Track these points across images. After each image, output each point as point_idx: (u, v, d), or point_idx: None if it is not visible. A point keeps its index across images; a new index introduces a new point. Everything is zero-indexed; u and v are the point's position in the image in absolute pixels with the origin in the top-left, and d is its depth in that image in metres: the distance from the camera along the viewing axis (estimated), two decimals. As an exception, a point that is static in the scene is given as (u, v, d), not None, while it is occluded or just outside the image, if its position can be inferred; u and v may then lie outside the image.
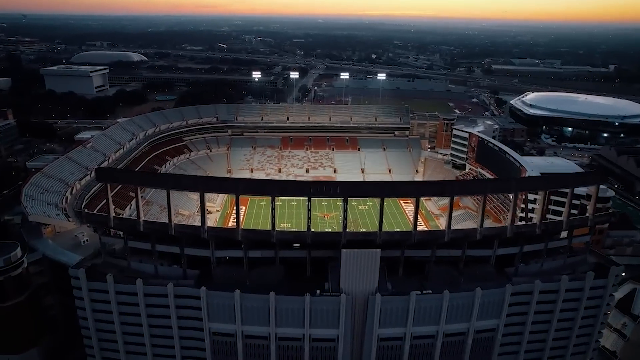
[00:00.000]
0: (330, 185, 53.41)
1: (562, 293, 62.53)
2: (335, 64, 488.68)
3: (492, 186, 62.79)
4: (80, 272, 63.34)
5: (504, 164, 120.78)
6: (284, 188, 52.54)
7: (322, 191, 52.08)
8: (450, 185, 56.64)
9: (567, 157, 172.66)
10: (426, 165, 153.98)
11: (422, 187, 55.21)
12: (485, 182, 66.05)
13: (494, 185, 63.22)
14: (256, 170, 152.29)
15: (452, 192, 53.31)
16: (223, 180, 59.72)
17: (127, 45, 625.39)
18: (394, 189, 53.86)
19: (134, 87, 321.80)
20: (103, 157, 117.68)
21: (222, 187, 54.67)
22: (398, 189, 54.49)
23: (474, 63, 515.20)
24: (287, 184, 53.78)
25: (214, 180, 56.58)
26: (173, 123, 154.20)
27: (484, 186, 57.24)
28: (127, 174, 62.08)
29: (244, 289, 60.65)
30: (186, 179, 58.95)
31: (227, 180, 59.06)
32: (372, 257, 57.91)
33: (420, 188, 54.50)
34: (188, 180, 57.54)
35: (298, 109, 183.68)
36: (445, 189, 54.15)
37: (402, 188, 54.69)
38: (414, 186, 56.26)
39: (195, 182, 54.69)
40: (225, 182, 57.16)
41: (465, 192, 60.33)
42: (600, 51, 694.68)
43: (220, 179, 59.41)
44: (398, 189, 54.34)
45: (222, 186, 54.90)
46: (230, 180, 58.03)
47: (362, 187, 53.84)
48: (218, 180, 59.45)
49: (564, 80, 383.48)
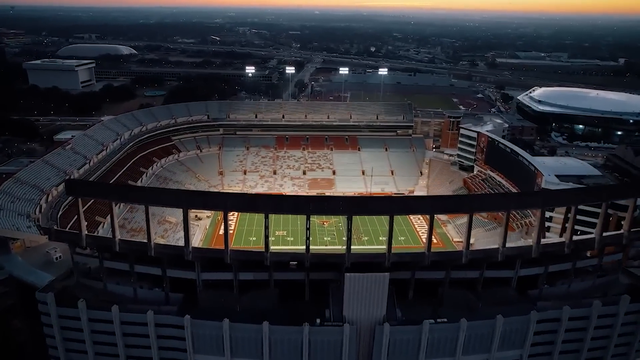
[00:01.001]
0: (332, 202, 47.58)
1: (593, 319, 56.76)
2: (333, 58, 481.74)
3: (516, 201, 56.72)
4: (48, 296, 57.29)
5: (517, 167, 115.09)
6: (279, 205, 46.72)
7: (323, 208, 46.24)
8: (469, 201, 50.58)
9: (580, 156, 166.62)
10: (431, 166, 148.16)
11: (437, 203, 49.25)
12: (508, 197, 60.03)
13: (518, 200, 57.23)
14: (250, 172, 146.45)
15: (470, 208, 47.50)
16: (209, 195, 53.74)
17: (117, 38, 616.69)
18: (405, 206, 48.03)
19: (122, 81, 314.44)
20: (84, 159, 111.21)
21: (208, 203, 48.81)
22: (410, 205, 48.64)
23: (477, 56, 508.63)
24: (283, 200, 47.99)
25: (199, 196, 50.59)
26: (161, 121, 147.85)
27: (507, 201, 51.31)
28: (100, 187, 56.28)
29: (234, 316, 54.72)
30: (167, 194, 52.99)
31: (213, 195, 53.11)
32: (379, 281, 52.12)
33: (434, 204, 48.64)
34: (169, 195, 51.59)
35: (294, 106, 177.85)
36: (463, 205, 48.33)
37: (415, 204, 48.83)
38: (427, 202, 50.34)
39: (177, 198, 48.74)
40: (211, 197, 51.14)
41: (486, 208, 54.41)
42: (606, 44, 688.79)
43: (206, 194, 53.48)
44: (410, 206, 48.49)
45: (208, 202, 48.92)
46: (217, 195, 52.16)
47: (369, 204, 47.98)
48: (203, 195, 53.42)
49: (571, 75, 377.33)
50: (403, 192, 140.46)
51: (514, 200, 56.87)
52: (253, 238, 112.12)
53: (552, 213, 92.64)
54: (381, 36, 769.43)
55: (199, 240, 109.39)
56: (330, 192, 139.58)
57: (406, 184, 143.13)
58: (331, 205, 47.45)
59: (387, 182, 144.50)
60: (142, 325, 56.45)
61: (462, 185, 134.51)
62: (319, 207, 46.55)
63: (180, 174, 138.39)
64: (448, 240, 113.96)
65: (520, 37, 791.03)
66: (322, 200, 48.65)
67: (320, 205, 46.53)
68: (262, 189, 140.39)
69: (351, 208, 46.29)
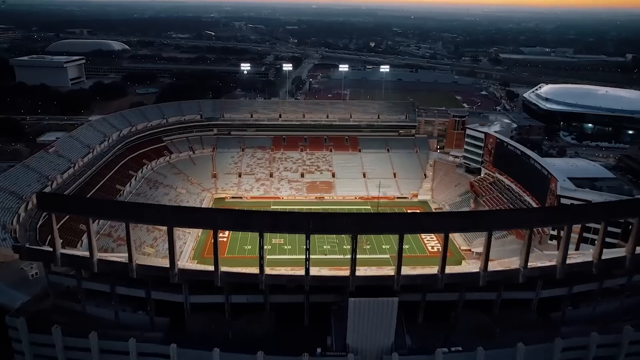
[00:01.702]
0: (335, 220, 42.93)
1: (624, 347, 52.22)
2: (331, 53, 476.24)
3: (541, 217, 51.78)
4: (19, 321, 52.74)
5: (528, 171, 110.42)
6: (275, 223, 42.08)
7: (325, 227, 41.63)
8: (487, 218, 45.76)
9: (590, 157, 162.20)
10: (435, 168, 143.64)
11: (452, 221, 44.55)
12: (532, 213, 55.03)
13: (544, 216, 52.42)
14: (245, 174, 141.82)
15: (489, 225, 42.86)
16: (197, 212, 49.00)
17: (109, 33, 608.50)
18: (416, 224, 43.40)
19: (113, 78, 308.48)
20: (68, 163, 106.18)
21: (195, 221, 44.12)
22: (422, 223, 43.99)
23: (479, 52, 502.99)
24: (279, 218, 43.33)
25: (186, 212, 45.72)
26: (152, 121, 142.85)
27: (530, 218, 46.58)
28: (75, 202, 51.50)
29: (225, 344, 50.16)
30: (150, 210, 48.21)
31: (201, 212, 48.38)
32: (387, 307, 47.54)
33: (449, 222, 43.98)
34: (152, 211, 46.85)
35: (292, 104, 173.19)
36: (480, 222, 43.67)
37: (427, 222, 44.15)
38: (441, 220, 45.61)
39: (161, 214, 44.04)
40: (199, 214, 46.34)
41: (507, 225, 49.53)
42: (611, 39, 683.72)
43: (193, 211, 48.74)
44: (422, 224, 43.84)
45: (196, 219, 44.17)
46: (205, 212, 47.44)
47: (376, 222, 43.31)
48: (191, 211, 48.54)
49: (578, 71, 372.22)
50: (406, 195, 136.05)
51: (538, 217, 51.90)
52: (248, 247, 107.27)
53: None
54: (381, 31, 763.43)
55: (190, 250, 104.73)
56: (329, 196, 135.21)
57: (409, 187, 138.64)
58: (334, 223, 42.81)
59: (390, 185, 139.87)
60: (124, 355, 51.92)
61: (468, 188, 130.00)
62: (321, 226, 41.94)
63: (172, 177, 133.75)
64: (455, 248, 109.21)
65: (523, 32, 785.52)
66: (324, 218, 43.94)
67: (322, 224, 41.91)
68: (258, 192, 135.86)
69: (356, 226, 41.68)
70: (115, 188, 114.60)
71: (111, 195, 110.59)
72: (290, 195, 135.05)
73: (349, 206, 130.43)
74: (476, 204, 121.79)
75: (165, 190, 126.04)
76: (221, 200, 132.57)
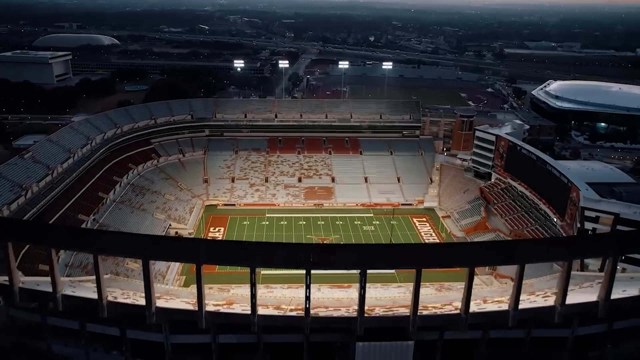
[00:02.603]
0: (341, 253, 36.58)
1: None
2: (330, 48, 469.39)
3: (583, 247, 45.21)
4: (-28, 366, 46.49)
5: (544, 178, 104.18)
6: (270, 256, 35.65)
7: (329, 261, 35.35)
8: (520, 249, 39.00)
9: (606, 159, 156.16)
10: (442, 172, 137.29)
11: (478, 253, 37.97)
12: (572, 241, 48.49)
13: (586, 245, 45.90)
14: (238, 179, 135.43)
15: (523, 257, 36.34)
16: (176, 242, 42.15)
17: (99, 27, 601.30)
18: (436, 257, 36.96)
19: (102, 75, 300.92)
20: (46, 170, 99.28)
21: (175, 253, 37.56)
22: (442, 256, 37.46)
23: (483, 46, 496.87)
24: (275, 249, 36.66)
25: (164, 243, 38.86)
26: (138, 122, 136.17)
27: (570, 248, 40.02)
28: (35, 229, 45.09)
29: (212, 393, 44.08)
30: (121, 239, 41.58)
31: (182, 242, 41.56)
32: (401, 351, 41.34)
33: (475, 255, 37.44)
34: (125, 240, 40.18)
35: (288, 103, 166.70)
36: (511, 254, 37.07)
37: (449, 255, 37.61)
38: (465, 252, 39.07)
39: (136, 245, 37.54)
40: (179, 245, 39.52)
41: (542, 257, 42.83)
42: (617, 32, 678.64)
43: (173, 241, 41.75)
44: (442, 257, 37.29)
45: (175, 251, 37.59)
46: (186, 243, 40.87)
47: (389, 255, 36.93)
48: (169, 242, 41.59)
49: (586, 66, 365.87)
50: (411, 202, 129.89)
51: (579, 247, 45.43)
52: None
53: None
54: (380, 24, 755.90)
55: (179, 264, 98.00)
56: (329, 203, 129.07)
57: (414, 193, 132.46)
58: (340, 256, 36.54)
59: (393, 190, 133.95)
60: (93, 405, 45.73)
61: (478, 195, 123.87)
62: (324, 260, 35.67)
63: (160, 183, 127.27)
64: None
65: (526, 26, 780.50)
66: (327, 251, 37.59)
67: (325, 258, 35.65)
68: (252, 199, 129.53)
69: (365, 261, 35.36)
70: (97, 196, 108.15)
71: (93, 204, 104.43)
72: (287, 202, 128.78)
73: (350, 214, 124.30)
74: (487, 212, 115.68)
75: (152, 197, 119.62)
76: (213, 207, 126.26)
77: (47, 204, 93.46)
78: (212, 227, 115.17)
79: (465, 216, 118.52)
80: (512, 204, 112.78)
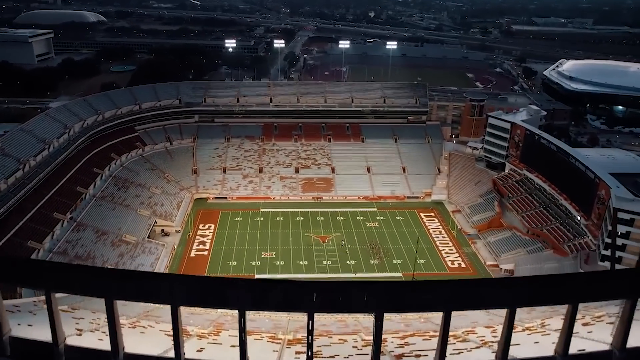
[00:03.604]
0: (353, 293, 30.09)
1: None
2: (327, 25, 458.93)
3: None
4: None
5: (566, 171, 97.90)
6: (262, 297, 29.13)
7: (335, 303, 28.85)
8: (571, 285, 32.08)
9: (625, 146, 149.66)
10: (451, 162, 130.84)
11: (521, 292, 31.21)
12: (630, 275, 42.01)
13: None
14: (230, 169, 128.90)
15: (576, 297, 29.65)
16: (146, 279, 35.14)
17: (85, 3, 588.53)
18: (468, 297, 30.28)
19: (86, 54, 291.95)
20: (16, 164, 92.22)
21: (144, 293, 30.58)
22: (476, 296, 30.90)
23: (488, 23, 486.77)
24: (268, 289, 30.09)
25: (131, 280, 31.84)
26: (122, 108, 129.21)
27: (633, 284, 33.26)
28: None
29: None
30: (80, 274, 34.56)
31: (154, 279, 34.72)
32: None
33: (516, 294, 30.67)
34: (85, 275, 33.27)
35: (284, 86, 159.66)
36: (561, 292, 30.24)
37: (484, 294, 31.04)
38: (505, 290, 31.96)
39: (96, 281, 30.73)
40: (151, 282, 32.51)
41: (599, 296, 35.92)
42: (628, 7, 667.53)
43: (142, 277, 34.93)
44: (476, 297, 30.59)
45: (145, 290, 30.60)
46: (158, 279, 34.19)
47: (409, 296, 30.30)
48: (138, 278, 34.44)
49: (599, 44, 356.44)
50: (418, 195, 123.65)
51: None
52: (233, 263, 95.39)
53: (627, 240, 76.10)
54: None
55: (164, 268, 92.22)
56: (328, 196, 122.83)
57: (421, 184, 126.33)
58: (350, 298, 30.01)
59: (398, 182, 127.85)
60: None
61: (491, 187, 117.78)
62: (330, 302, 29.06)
63: (145, 174, 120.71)
64: (479, 264, 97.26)
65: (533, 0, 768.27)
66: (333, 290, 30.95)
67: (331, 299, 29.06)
68: (245, 191, 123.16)
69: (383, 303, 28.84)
70: (75, 191, 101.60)
71: (71, 200, 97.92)
72: (283, 195, 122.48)
73: (352, 208, 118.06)
74: (501, 207, 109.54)
75: (136, 190, 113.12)
76: (202, 201, 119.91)
77: (17, 203, 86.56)
78: (201, 224, 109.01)
79: (477, 211, 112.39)
80: (529, 199, 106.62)
